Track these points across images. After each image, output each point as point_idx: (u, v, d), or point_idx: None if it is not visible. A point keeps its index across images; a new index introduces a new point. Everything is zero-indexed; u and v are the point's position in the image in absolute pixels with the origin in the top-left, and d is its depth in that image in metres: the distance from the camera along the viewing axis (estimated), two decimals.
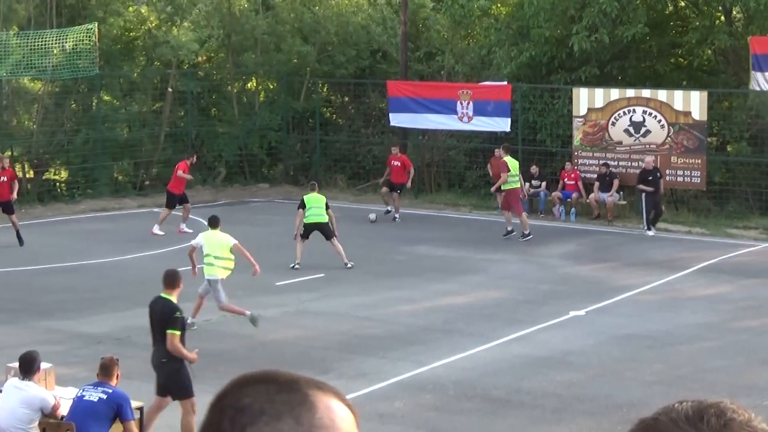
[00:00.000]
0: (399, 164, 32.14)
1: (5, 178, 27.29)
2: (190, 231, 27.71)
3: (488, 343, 18.96)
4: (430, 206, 33.96)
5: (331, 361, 17.87)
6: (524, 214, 28.76)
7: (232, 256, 19.42)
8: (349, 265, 24.66)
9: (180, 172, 29.24)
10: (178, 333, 13.82)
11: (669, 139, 31.25)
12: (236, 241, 19.50)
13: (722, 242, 28.68)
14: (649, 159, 30.18)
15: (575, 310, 21.20)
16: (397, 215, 31.59)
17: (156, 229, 28.85)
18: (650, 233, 29.31)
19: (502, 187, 29.02)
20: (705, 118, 31.03)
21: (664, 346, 18.91)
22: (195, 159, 30.58)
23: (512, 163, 29.02)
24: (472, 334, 19.47)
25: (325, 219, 24.73)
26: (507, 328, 19.91)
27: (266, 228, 29.26)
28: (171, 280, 14.25)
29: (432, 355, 18.15)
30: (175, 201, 29.30)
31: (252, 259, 19.47)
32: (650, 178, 29.54)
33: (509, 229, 28.65)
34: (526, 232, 28.40)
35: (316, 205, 24.83)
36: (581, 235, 29.82)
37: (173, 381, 14.06)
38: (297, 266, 24.56)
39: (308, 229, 24.76)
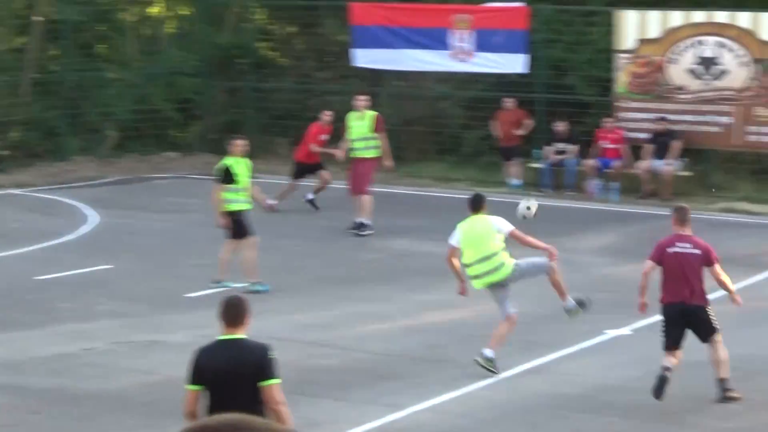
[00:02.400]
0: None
1: None
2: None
3: (493, 377, 18.95)
4: (411, 182, 33.94)
5: None
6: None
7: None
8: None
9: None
10: None
11: (755, 82, 31.27)
12: (512, 228, 19.79)
13: None
14: None
15: (615, 329, 21.22)
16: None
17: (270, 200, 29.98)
18: None
19: (354, 154, 29.18)
20: None
21: (746, 376, 18.86)
22: (329, 117, 31.25)
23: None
24: (468, 365, 19.42)
25: None
26: (519, 355, 19.94)
27: (180, 216, 29.12)
28: None
29: (412, 396, 18.16)
30: (303, 171, 30.80)
31: (540, 244, 19.80)
32: None
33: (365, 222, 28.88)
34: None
35: None
36: (627, 220, 29.87)
37: None
38: None
39: None
